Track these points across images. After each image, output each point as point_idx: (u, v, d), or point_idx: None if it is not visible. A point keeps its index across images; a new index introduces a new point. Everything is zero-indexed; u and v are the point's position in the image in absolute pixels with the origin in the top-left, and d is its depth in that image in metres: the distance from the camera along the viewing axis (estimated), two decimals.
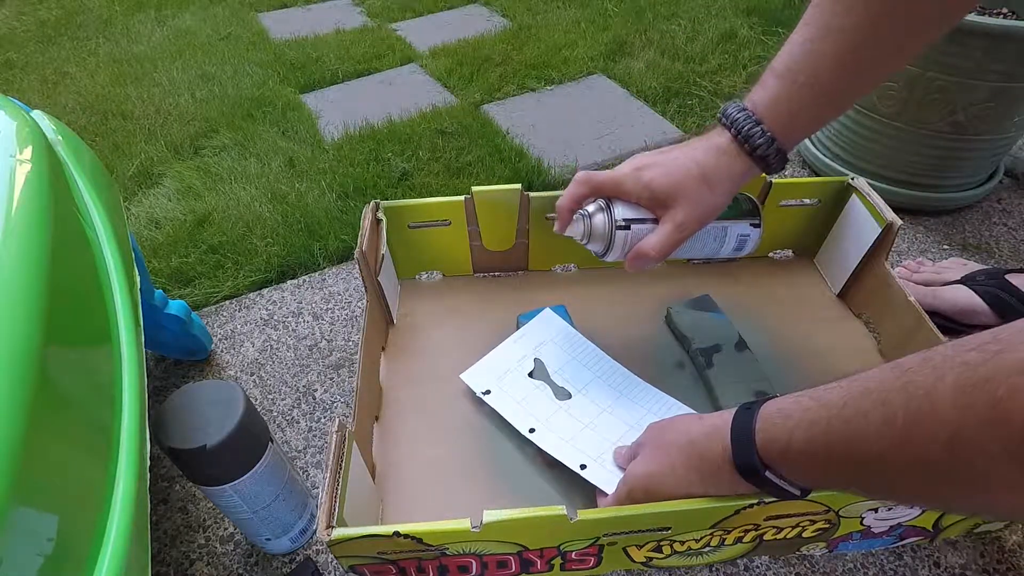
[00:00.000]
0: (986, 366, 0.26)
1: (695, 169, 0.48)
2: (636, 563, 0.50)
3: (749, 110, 0.47)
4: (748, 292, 0.71)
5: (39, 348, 0.31)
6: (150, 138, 1.14)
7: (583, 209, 0.53)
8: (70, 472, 0.31)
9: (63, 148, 0.47)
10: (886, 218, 0.62)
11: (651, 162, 0.49)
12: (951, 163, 0.83)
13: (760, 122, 0.47)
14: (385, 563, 0.43)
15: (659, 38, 1.36)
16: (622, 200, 0.51)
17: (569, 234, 0.53)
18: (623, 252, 0.51)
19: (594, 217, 0.52)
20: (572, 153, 1.04)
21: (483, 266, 0.73)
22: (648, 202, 0.49)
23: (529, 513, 0.40)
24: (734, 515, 0.42)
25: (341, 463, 0.42)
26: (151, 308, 0.64)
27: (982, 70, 0.72)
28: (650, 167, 0.49)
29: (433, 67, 1.34)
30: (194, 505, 0.59)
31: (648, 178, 0.49)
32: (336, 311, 0.77)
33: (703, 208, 0.48)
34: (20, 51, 1.56)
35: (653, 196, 0.49)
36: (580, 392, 0.59)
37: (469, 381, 0.60)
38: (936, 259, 0.80)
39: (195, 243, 0.88)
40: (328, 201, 0.94)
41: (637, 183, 0.49)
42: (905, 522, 0.48)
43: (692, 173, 0.48)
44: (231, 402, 0.44)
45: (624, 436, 0.54)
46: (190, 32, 1.58)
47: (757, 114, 0.47)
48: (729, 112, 0.48)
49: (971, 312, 0.68)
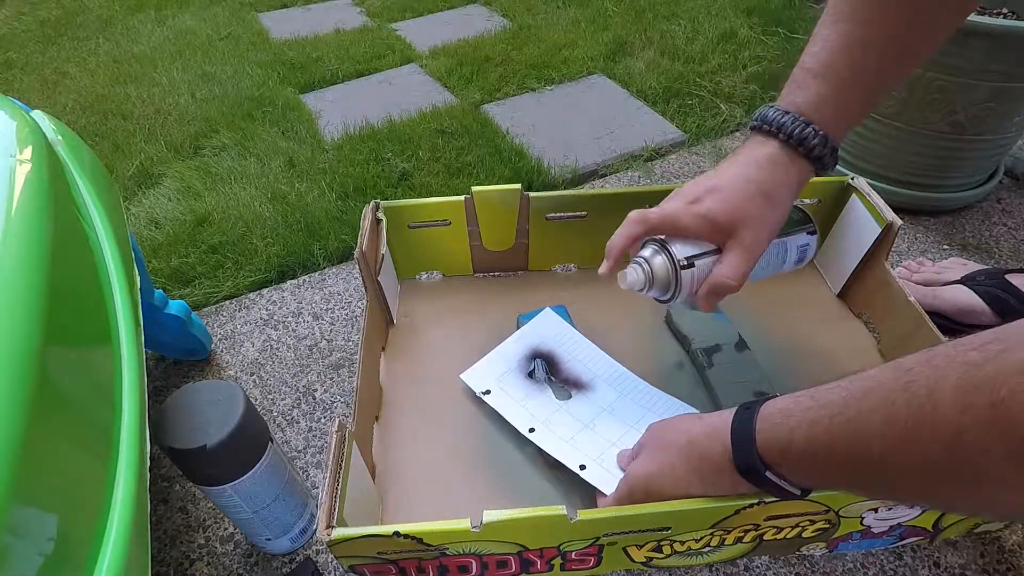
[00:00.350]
0: (988, 366, 0.26)
1: (752, 188, 0.45)
2: (636, 563, 0.50)
3: (793, 112, 0.45)
4: (748, 292, 0.70)
5: (39, 348, 0.31)
6: (150, 138, 1.14)
7: (637, 256, 0.49)
8: (70, 472, 0.31)
9: (63, 148, 0.47)
10: (886, 218, 0.62)
11: (703, 191, 0.47)
12: (951, 163, 0.83)
13: (810, 123, 0.45)
14: (385, 563, 0.43)
15: (659, 38, 1.36)
16: (678, 237, 0.48)
17: (626, 286, 0.49)
18: (691, 292, 0.48)
19: (652, 261, 0.48)
20: (572, 153, 1.04)
21: (483, 266, 0.73)
22: (710, 234, 0.47)
23: (529, 513, 0.40)
24: (734, 515, 0.42)
25: (341, 463, 0.42)
26: (151, 308, 0.64)
27: (982, 70, 0.72)
28: (705, 197, 0.46)
29: (433, 67, 1.34)
30: (194, 505, 0.59)
31: (706, 209, 0.46)
32: (336, 311, 0.77)
33: (769, 226, 0.46)
34: (20, 51, 1.56)
35: (715, 227, 0.46)
36: (580, 392, 0.59)
37: (469, 381, 0.60)
38: (936, 259, 0.80)
39: (195, 243, 0.88)
40: (328, 201, 0.94)
41: (696, 217, 0.46)
42: (905, 522, 0.48)
43: (751, 193, 0.45)
44: (231, 402, 0.44)
45: (624, 436, 0.54)
46: (190, 32, 1.58)
47: (806, 115, 0.45)
48: (771, 118, 0.46)
49: (971, 312, 0.68)
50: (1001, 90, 0.74)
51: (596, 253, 0.55)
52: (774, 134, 0.46)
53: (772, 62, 1.24)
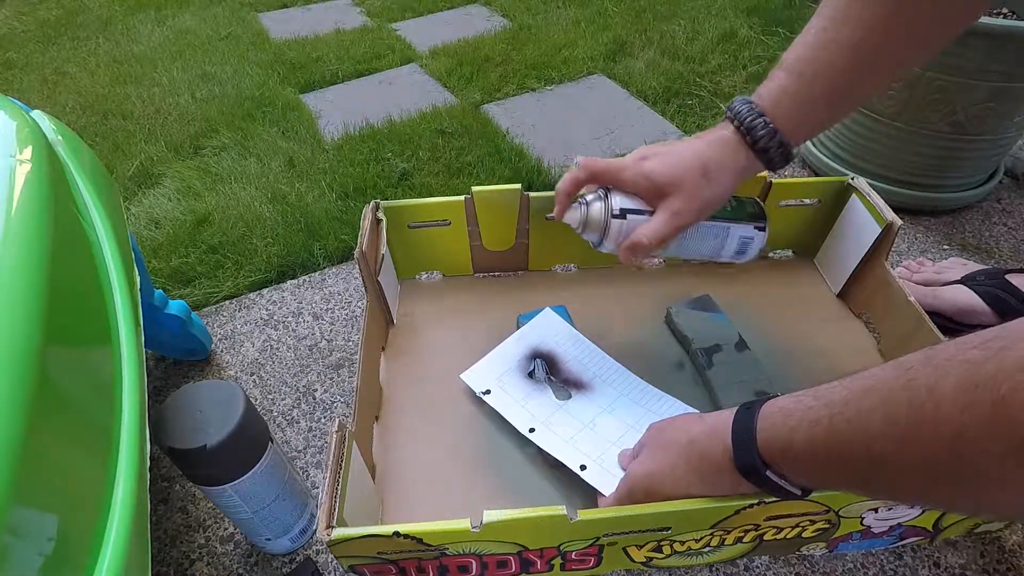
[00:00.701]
0: (988, 364, 0.26)
1: (695, 160, 0.48)
2: (636, 563, 0.50)
3: (754, 103, 0.47)
4: (748, 292, 0.71)
5: (39, 348, 0.31)
6: (150, 138, 1.14)
7: (582, 197, 0.53)
8: (70, 472, 0.31)
9: (63, 148, 0.47)
10: (886, 218, 0.62)
11: (653, 152, 0.50)
12: (951, 163, 0.83)
13: (763, 114, 0.46)
14: (385, 563, 0.43)
15: (659, 38, 1.36)
16: (622, 191, 0.51)
17: (566, 220, 0.53)
18: (617, 242, 0.51)
19: (591, 205, 0.52)
20: (572, 153, 1.04)
21: (483, 266, 0.73)
22: (647, 192, 0.49)
23: (529, 513, 0.40)
24: (734, 515, 0.42)
25: (341, 463, 0.42)
26: (151, 308, 0.64)
27: (982, 70, 0.73)
28: (651, 157, 0.49)
29: (433, 67, 1.34)
30: (194, 505, 0.59)
31: (648, 168, 0.49)
32: (336, 311, 0.77)
33: (701, 199, 0.48)
34: (20, 51, 1.56)
35: (652, 186, 0.49)
36: (580, 392, 0.59)
37: (469, 381, 0.60)
38: (936, 259, 0.80)
39: (195, 243, 0.88)
40: (328, 201, 0.94)
41: (637, 172, 0.49)
42: (905, 522, 0.48)
43: (692, 164, 0.48)
44: (231, 402, 0.44)
45: (624, 436, 0.54)
46: (190, 32, 1.58)
47: (761, 107, 0.47)
48: (734, 105, 0.48)
49: (971, 312, 0.68)
50: (1001, 90, 0.74)
51: (596, 254, 0.56)
52: (731, 119, 0.48)
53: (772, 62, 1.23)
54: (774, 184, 0.68)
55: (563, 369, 0.61)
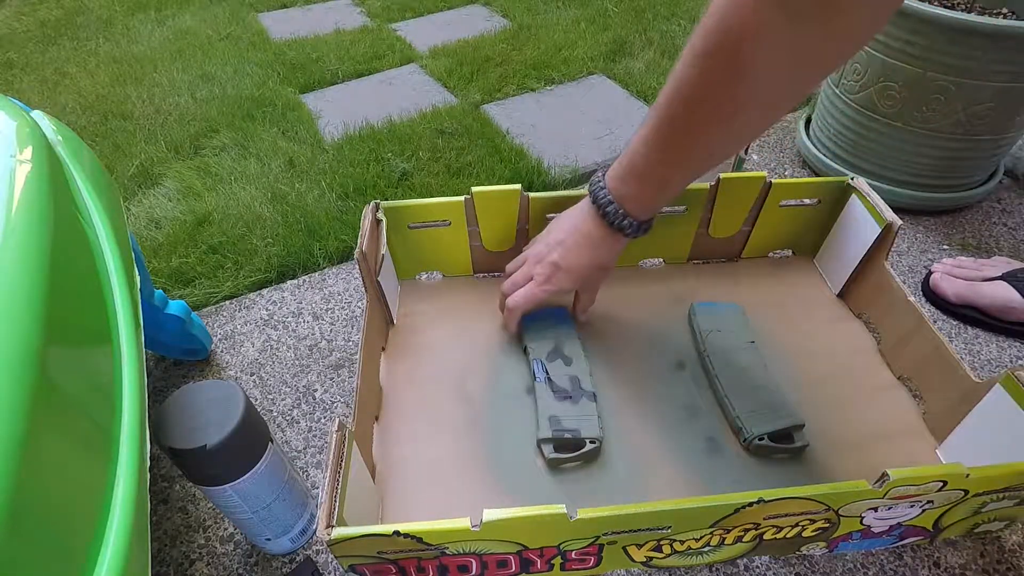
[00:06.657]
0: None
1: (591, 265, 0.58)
2: (636, 563, 0.50)
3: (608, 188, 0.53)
4: (748, 292, 0.71)
5: (39, 348, 0.31)
6: (150, 138, 1.14)
7: None
8: (70, 472, 0.31)
9: (63, 148, 0.47)
10: (886, 218, 0.62)
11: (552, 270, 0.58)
12: (951, 163, 0.83)
13: (613, 201, 0.52)
14: (385, 563, 0.43)
15: (659, 38, 1.36)
16: None
17: None
18: None
19: None
20: (572, 153, 1.04)
21: (483, 266, 0.73)
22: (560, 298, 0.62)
23: (529, 512, 0.40)
24: (734, 514, 0.42)
25: (341, 463, 0.42)
26: (151, 308, 0.64)
27: (983, 70, 0.72)
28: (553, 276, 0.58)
29: (433, 67, 1.34)
30: (194, 505, 0.59)
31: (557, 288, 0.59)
32: (336, 311, 0.77)
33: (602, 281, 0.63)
34: (20, 51, 1.56)
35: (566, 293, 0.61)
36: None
37: None
38: (936, 259, 0.80)
39: (195, 243, 0.88)
40: (328, 201, 0.94)
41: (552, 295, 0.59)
42: (905, 522, 0.48)
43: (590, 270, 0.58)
44: (231, 402, 0.44)
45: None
46: (190, 32, 1.58)
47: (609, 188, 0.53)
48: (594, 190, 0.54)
49: (1008, 308, 0.68)
50: (1002, 90, 0.74)
51: None
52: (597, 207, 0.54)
53: None
54: (774, 184, 0.68)
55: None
